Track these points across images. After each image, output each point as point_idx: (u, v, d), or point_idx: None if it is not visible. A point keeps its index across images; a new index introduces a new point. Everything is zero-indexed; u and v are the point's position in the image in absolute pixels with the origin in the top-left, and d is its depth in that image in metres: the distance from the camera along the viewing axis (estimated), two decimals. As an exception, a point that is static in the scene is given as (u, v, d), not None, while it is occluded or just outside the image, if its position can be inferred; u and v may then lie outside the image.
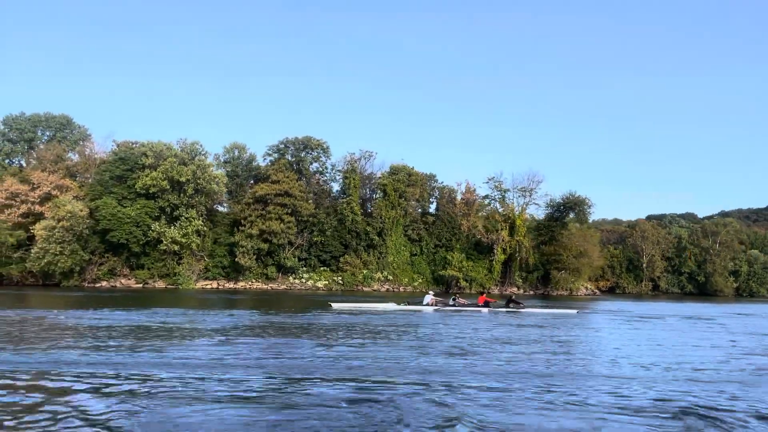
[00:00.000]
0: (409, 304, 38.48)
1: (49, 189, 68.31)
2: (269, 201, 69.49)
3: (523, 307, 38.44)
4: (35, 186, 68.12)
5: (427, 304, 37.58)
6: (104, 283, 69.91)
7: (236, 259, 69.22)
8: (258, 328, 24.05)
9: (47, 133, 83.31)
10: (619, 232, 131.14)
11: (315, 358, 15.88)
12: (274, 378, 12.84)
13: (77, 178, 74.66)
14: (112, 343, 18.19)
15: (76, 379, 12.33)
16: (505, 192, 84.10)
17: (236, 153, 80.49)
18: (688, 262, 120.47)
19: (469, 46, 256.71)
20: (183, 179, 66.96)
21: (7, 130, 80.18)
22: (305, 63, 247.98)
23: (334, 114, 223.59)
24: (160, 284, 70.54)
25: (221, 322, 26.43)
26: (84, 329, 22.17)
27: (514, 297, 41.91)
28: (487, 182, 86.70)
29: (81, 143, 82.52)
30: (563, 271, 76.56)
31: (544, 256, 78.69)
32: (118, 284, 70.33)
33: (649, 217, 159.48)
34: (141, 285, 70.28)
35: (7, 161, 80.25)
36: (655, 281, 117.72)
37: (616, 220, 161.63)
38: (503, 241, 75.59)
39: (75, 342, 18.48)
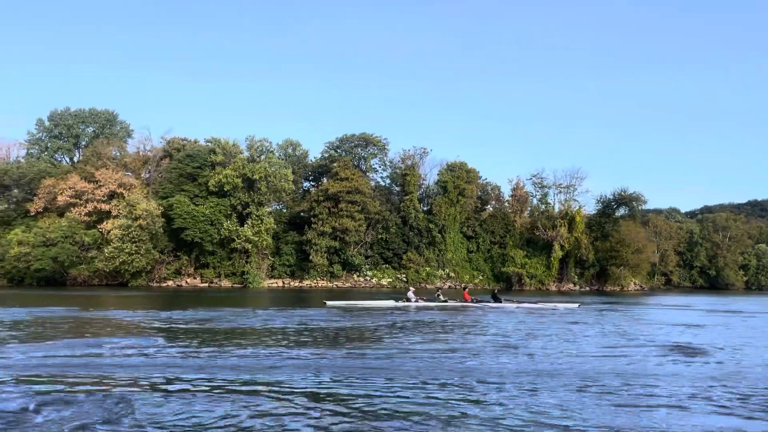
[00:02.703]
0: (407, 301, 36.43)
1: (114, 187, 66.71)
2: (341, 198, 69.14)
3: (511, 302, 37.16)
4: (101, 184, 66.39)
5: (415, 300, 36.17)
6: (170, 283, 68.72)
7: (310, 257, 68.71)
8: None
9: (89, 129, 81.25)
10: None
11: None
12: None
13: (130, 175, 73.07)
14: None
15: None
16: (547, 188, 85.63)
17: (290, 150, 79.82)
18: (701, 256, 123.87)
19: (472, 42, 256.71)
20: (256, 177, 66.14)
21: (53, 126, 77.84)
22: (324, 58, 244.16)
23: (355, 109, 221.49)
24: (226, 283, 69.59)
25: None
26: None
27: (497, 292, 40.37)
28: (530, 179, 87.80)
29: (126, 139, 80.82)
30: (622, 267, 78.23)
31: (598, 253, 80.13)
32: (183, 283, 69.20)
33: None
34: (207, 284, 69.31)
35: (52, 157, 77.96)
36: (668, 275, 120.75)
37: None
38: (562, 237, 76.79)
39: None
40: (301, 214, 72.74)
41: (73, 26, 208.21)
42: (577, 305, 37.33)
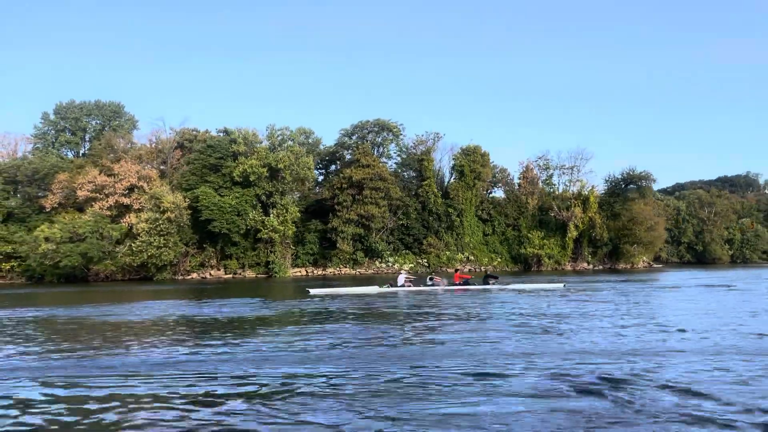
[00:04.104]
0: (391, 286, 35.18)
1: (134, 180, 65.33)
2: (364, 185, 69.04)
3: (506, 283, 36.44)
4: (121, 177, 64.90)
5: (402, 285, 34.72)
6: (194, 275, 67.83)
7: (337, 245, 68.62)
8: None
9: (93, 122, 79.24)
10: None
11: None
12: None
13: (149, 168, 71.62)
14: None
15: None
16: (553, 170, 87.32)
17: (303, 138, 79.14)
18: (688, 232, 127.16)
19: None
20: (281, 166, 65.57)
21: (59, 119, 75.62)
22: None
23: (359, 95, 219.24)
24: (250, 274, 69.04)
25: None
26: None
27: (489, 272, 39.53)
28: (536, 161, 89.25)
29: (132, 131, 79.11)
30: (635, 245, 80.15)
31: (610, 231, 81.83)
32: (208, 275, 68.41)
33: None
34: (231, 275, 68.62)
35: (59, 151, 75.82)
36: (657, 252, 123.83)
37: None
38: (576, 217, 78.21)
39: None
40: (324, 202, 72.32)
41: (70, 16, 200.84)
42: (562, 285, 36.07)
